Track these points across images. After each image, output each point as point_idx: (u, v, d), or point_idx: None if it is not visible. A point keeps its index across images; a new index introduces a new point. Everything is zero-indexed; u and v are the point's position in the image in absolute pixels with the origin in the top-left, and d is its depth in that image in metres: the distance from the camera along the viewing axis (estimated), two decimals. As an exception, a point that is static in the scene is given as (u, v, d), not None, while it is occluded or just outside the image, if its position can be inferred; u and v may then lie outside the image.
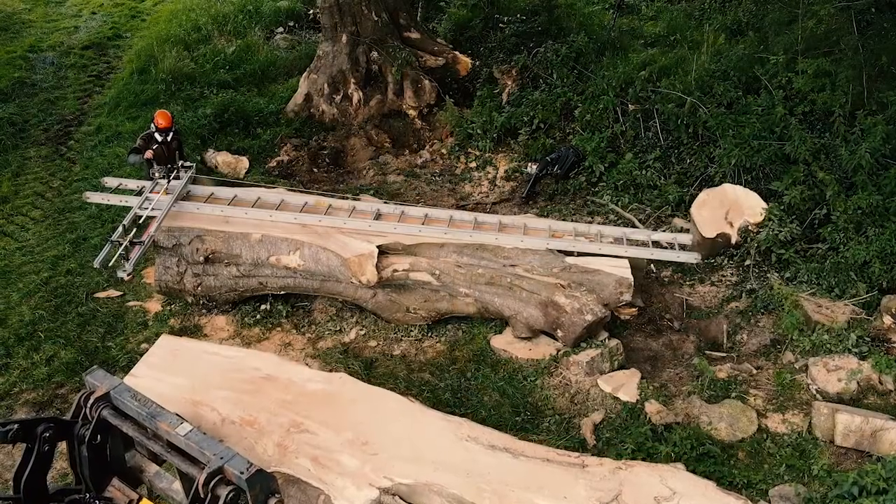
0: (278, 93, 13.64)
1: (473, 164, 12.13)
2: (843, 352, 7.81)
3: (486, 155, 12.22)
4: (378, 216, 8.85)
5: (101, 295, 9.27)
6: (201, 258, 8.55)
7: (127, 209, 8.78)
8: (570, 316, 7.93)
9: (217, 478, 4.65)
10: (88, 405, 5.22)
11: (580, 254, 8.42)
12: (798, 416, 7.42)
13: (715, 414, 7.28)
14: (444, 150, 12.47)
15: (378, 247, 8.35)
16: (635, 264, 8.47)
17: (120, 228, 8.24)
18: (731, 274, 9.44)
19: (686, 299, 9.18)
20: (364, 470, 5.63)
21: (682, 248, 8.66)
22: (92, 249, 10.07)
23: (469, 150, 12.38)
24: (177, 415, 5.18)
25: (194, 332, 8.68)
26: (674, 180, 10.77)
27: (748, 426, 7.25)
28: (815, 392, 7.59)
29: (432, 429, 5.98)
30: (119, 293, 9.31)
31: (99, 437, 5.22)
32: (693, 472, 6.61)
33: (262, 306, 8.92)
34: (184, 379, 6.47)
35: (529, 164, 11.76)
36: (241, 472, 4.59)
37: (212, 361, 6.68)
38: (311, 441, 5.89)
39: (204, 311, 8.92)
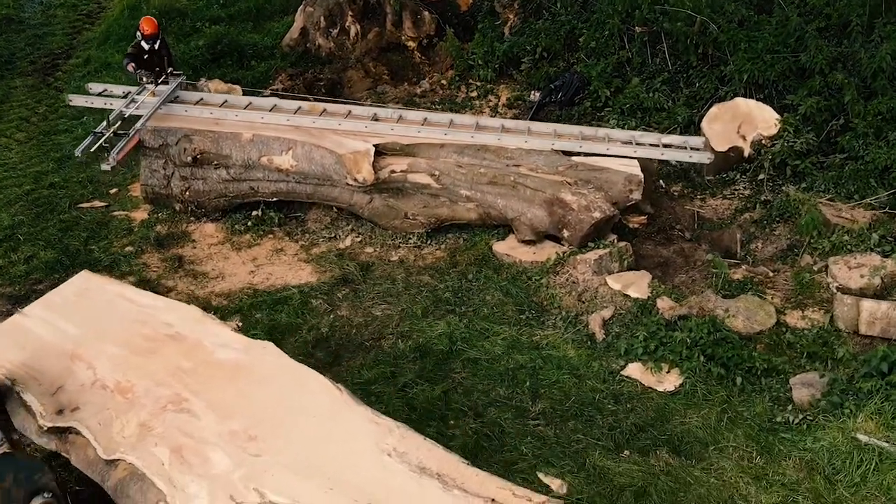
0: (273, 29, 13.24)
1: (475, 94, 11.73)
2: (865, 251, 7.41)
3: (488, 85, 11.81)
4: (375, 119, 8.45)
5: (85, 205, 8.87)
6: (189, 158, 8.15)
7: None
8: (577, 213, 7.52)
9: None
10: None
11: (587, 155, 8.02)
12: (818, 313, 7.01)
13: (731, 307, 6.86)
14: (444, 81, 12.06)
15: (375, 146, 7.95)
16: (645, 167, 8.07)
17: (104, 122, 7.83)
18: (744, 188, 9.04)
19: (697, 211, 8.78)
20: (233, 475, 4.39)
21: (694, 149, 8.25)
22: (77, 167, 9.67)
23: (470, 80, 11.97)
24: None
25: (182, 238, 8.28)
26: (683, 103, 10.36)
27: (766, 319, 6.84)
28: (835, 290, 7.17)
29: (350, 431, 4.63)
30: (104, 204, 8.91)
31: None
32: (710, 356, 6.28)
33: (254, 212, 8.51)
34: (76, 326, 5.56)
35: (533, 91, 11.37)
36: None
37: (120, 309, 5.71)
38: (186, 425, 4.75)
39: (192, 218, 8.51)
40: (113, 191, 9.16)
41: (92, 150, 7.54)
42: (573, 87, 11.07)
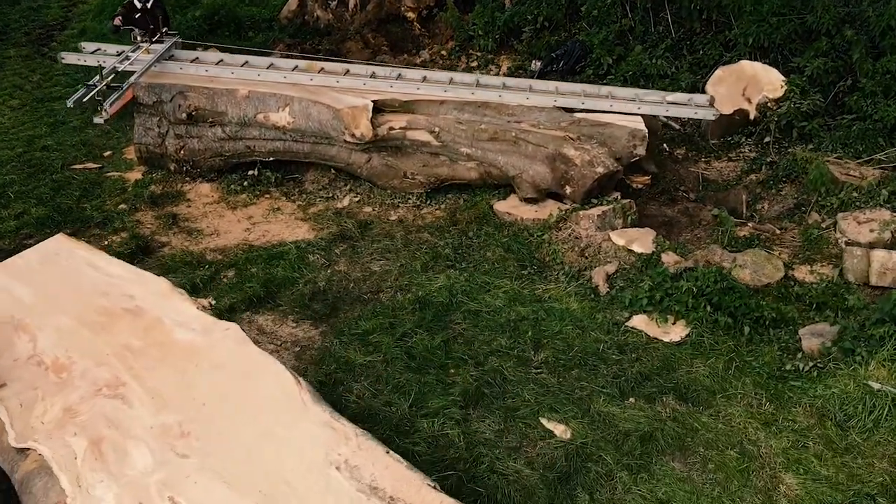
0: (271, 1, 13.11)
1: (475, 64, 11.57)
2: (875, 207, 7.25)
3: (489, 56, 11.65)
4: (373, 76, 8.29)
5: (78, 167, 8.69)
6: (184, 115, 7.97)
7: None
8: (580, 169, 7.35)
9: None
10: None
11: (590, 112, 7.86)
12: (827, 268, 6.85)
13: (738, 260, 6.70)
14: (444, 52, 11.91)
15: (374, 103, 7.78)
16: (648, 127, 7.90)
17: (97, 76, 7.66)
18: (750, 150, 8.90)
19: (702, 173, 8.62)
20: (151, 478, 3.82)
21: (699, 106, 8.09)
22: (71, 131, 9.55)
23: (470, 51, 11.82)
24: None
25: (177, 198, 8.10)
26: (686, 69, 10.21)
27: (774, 272, 6.67)
28: (843, 245, 7.01)
29: (300, 435, 4.02)
30: (97, 165, 8.73)
31: None
32: (717, 306, 6.11)
33: (250, 172, 8.34)
34: (31, 292, 5.11)
35: (534, 61, 11.21)
36: None
37: (84, 277, 5.26)
38: (116, 413, 4.19)
39: (187, 178, 8.34)
40: (107, 153, 8.99)
41: (84, 100, 7.37)
42: (574, 56, 10.91)
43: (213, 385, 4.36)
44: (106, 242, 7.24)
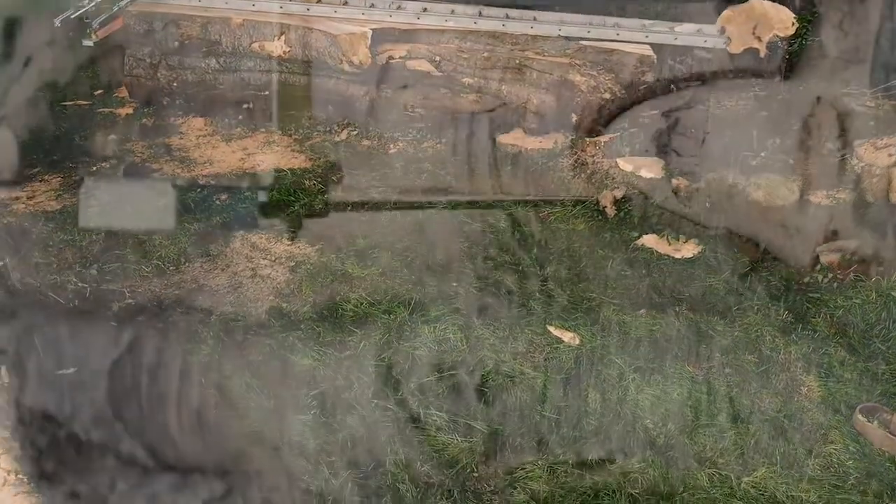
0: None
1: (476, 16, 11.31)
2: (893, 134, 7.00)
3: (490, 8, 11.41)
4: (372, 7, 8.02)
5: (68, 103, 8.43)
6: (176, 44, 7.72)
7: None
8: (586, 95, 7.10)
9: None
10: None
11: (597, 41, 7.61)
12: (844, 193, 6.61)
13: (751, 183, 6.45)
14: (444, 5, 11.66)
15: (373, 30, 7.53)
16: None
17: None
18: (759, 90, 8.64)
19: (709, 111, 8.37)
20: None
21: (709, 35, 7.84)
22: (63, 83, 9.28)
23: (472, 4, 11.58)
24: None
25: (169, 129, 7.81)
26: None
27: (788, 195, 6.43)
28: (860, 171, 6.76)
29: None
30: (87, 103, 8.45)
31: None
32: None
33: (245, 106, 8.07)
34: None
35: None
36: None
37: None
38: None
39: (180, 112, 8.08)
40: (98, 92, 8.72)
41: (72, 17, 7.10)
42: (579, 5, 10.68)
43: None
44: (94, 168, 6.99)
